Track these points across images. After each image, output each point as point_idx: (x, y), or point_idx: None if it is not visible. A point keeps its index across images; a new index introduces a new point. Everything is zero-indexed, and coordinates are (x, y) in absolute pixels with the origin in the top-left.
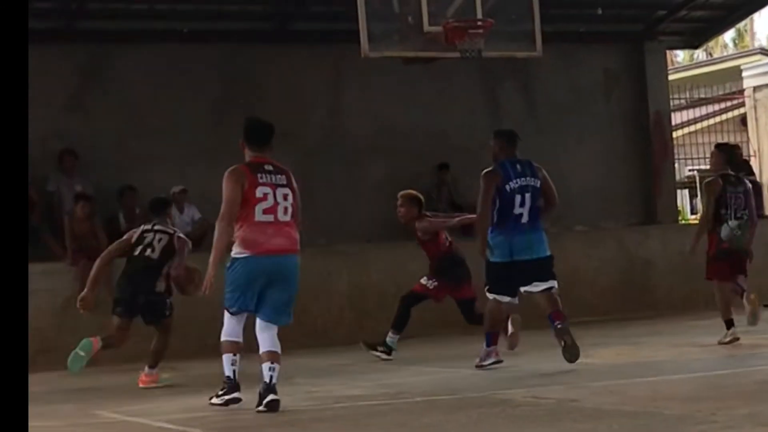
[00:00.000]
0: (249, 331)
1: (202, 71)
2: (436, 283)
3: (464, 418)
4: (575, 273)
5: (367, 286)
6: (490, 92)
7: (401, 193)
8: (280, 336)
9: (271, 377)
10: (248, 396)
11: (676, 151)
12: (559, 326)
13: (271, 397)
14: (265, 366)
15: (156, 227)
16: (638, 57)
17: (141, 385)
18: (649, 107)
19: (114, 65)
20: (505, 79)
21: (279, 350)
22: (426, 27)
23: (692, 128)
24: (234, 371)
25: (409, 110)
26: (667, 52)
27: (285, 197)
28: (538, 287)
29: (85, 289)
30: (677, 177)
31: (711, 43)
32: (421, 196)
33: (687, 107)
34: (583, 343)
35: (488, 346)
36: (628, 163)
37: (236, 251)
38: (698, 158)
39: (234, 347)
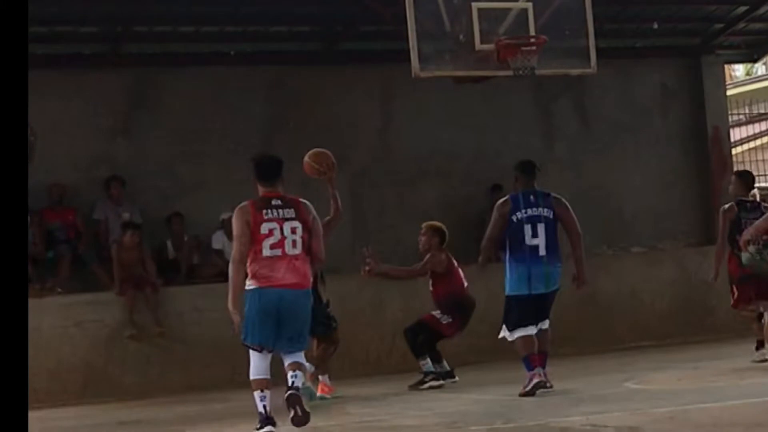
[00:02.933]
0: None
1: (250, 94)
2: (450, 320)
3: None
4: (633, 295)
5: (420, 313)
6: (543, 111)
7: (426, 222)
8: (332, 365)
9: (294, 381)
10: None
11: (735, 168)
12: (541, 373)
13: (290, 393)
14: (289, 374)
15: None
16: (695, 72)
17: (319, 393)
18: (707, 123)
19: (161, 89)
20: (559, 96)
21: (303, 363)
22: (478, 45)
23: (752, 144)
24: (265, 406)
25: (461, 131)
26: (725, 66)
27: (293, 231)
28: (541, 326)
29: None
30: None
31: None
32: (446, 230)
33: (746, 123)
34: (642, 368)
35: (529, 370)
36: (686, 182)
37: (247, 285)
38: (759, 175)
39: (262, 383)
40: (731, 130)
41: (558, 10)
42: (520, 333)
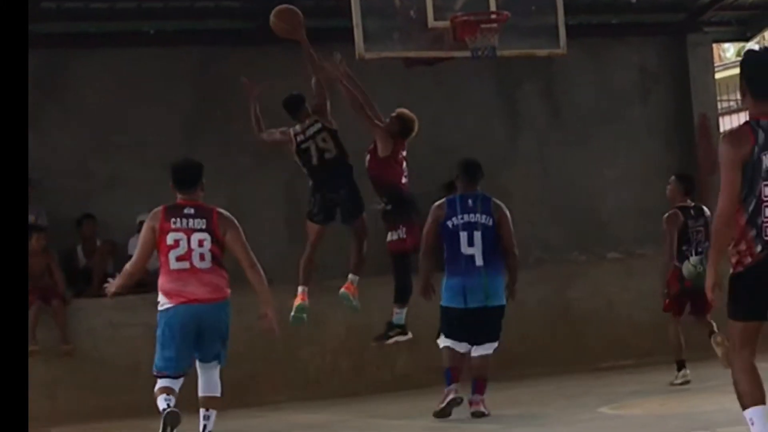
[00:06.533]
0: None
1: (173, 79)
2: (404, 228)
3: None
4: (609, 308)
5: (367, 328)
6: (507, 98)
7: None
8: (266, 386)
9: (205, 426)
10: None
11: None
12: (477, 401)
13: None
14: (201, 413)
15: (307, 133)
16: (680, 52)
17: (343, 290)
18: (694, 111)
19: (70, 74)
20: (524, 81)
21: (217, 393)
22: (431, 22)
23: None
24: (168, 403)
25: None
26: (714, 45)
27: (201, 243)
28: (482, 351)
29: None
30: None
31: (767, 34)
32: (412, 124)
33: (738, 110)
34: (619, 391)
35: (448, 384)
36: (670, 178)
37: (160, 302)
38: None
39: (167, 390)
40: (721, 119)
41: None
42: (447, 343)
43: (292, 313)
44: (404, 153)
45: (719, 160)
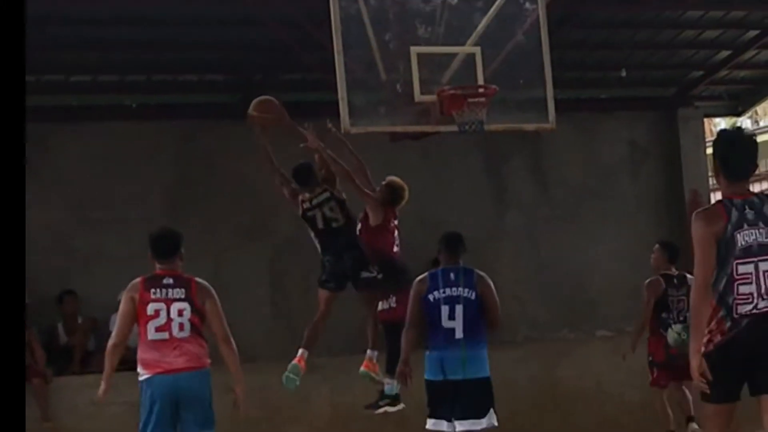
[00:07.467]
0: None
1: (155, 153)
2: (394, 298)
3: None
4: (599, 387)
5: (353, 406)
6: (494, 173)
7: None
8: None
9: None
10: None
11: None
12: None
13: None
14: None
15: (314, 202)
16: (671, 127)
17: (362, 368)
18: (684, 186)
19: (51, 148)
20: (512, 157)
21: None
22: (417, 96)
23: None
24: None
25: None
26: (705, 120)
27: (180, 312)
28: (467, 426)
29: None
30: None
31: (758, 109)
32: (402, 192)
33: None
34: None
35: None
36: None
37: (139, 373)
38: None
39: None
40: (712, 195)
41: (511, 55)
42: (429, 425)
43: (286, 372)
44: (396, 222)
45: (693, 237)
